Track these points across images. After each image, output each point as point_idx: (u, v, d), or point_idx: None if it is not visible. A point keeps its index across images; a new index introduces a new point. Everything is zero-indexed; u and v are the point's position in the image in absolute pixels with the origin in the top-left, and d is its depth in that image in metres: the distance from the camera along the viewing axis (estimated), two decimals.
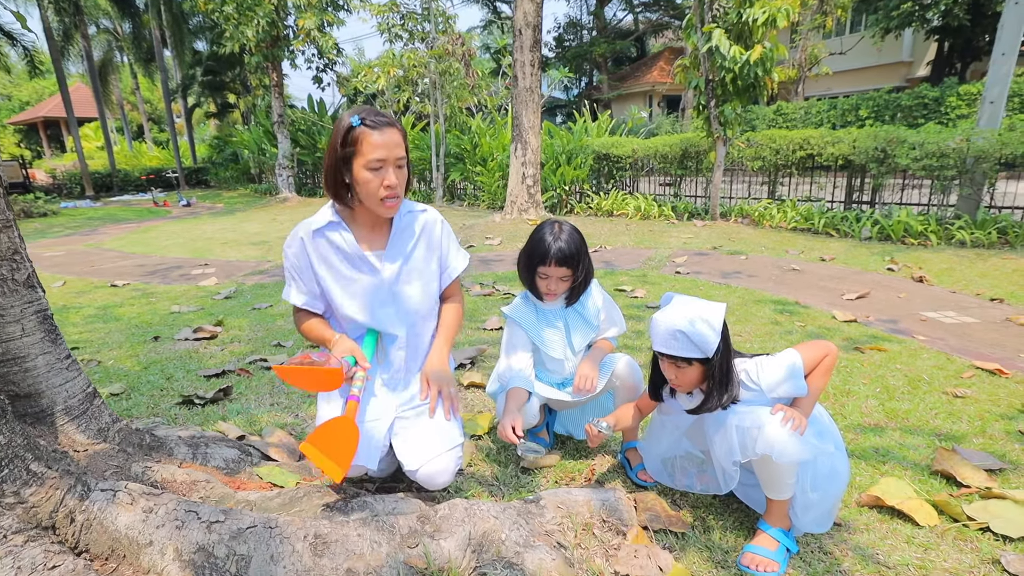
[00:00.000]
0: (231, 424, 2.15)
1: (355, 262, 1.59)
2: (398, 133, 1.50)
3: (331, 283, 1.59)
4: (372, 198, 1.50)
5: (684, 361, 1.48)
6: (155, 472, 1.36)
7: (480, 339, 3.45)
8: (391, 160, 1.47)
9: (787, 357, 1.51)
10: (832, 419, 1.64)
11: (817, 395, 1.51)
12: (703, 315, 1.46)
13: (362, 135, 1.45)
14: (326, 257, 1.58)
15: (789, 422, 1.42)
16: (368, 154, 1.45)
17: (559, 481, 1.88)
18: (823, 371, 1.52)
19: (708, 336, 1.44)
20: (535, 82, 8.67)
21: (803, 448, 1.40)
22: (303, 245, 1.58)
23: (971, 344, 3.33)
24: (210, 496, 1.32)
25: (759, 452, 1.46)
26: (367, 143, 1.45)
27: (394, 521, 1.31)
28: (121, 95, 29.09)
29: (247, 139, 18.57)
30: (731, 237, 7.31)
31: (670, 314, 1.48)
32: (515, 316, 1.92)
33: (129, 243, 8.70)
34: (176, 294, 5.02)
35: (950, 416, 2.38)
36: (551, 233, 1.81)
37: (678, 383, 1.55)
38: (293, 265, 1.60)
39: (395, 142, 1.48)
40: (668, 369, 1.54)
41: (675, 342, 1.46)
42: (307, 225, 1.60)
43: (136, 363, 3.04)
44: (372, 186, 1.47)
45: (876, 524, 1.66)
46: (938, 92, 15.17)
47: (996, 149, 6.36)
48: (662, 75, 24.80)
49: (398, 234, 1.64)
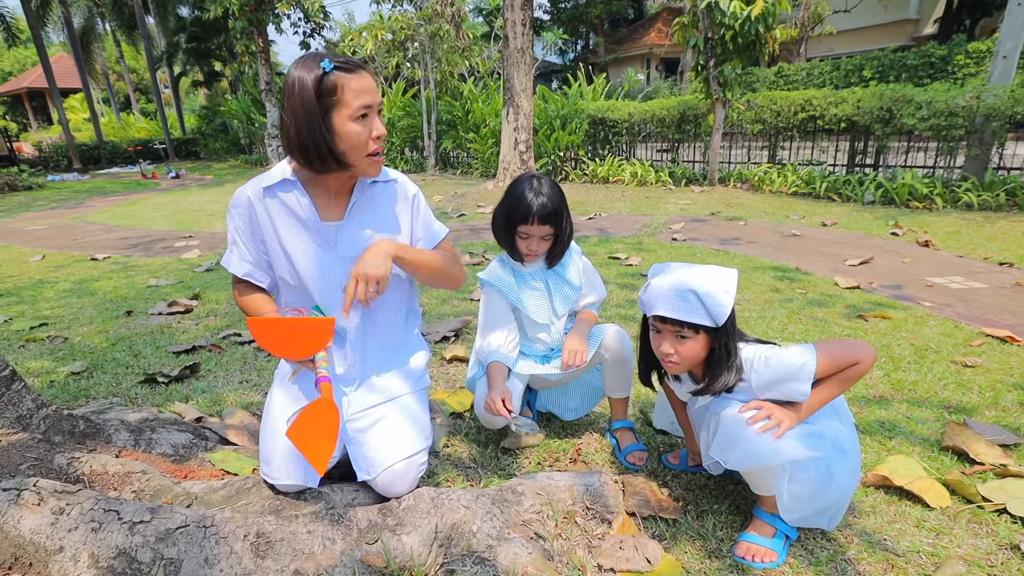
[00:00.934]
0: (190, 405, 2.00)
1: (309, 231, 1.40)
2: (372, 76, 1.32)
3: (279, 252, 1.40)
4: (358, 154, 1.30)
5: (691, 329, 1.28)
6: (83, 464, 1.22)
7: (466, 310, 3.30)
8: (376, 106, 1.30)
9: (799, 354, 1.29)
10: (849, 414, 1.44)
11: (821, 403, 1.31)
12: (717, 278, 1.27)
13: (341, 81, 1.25)
14: (276, 220, 1.39)
15: (759, 423, 1.25)
16: (353, 102, 1.26)
17: (542, 463, 1.75)
18: (842, 380, 1.29)
19: (723, 301, 1.25)
20: (527, 42, 8.31)
21: (772, 453, 1.22)
22: (250, 205, 1.39)
23: (980, 310, 3.18)
24: (144, 489, 1.19)
25: (712, 455, 1.30)
26: (349, 89, 1.25)
27: (351, 514, 1.18)
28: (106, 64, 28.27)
29: (235, 108, 18.08)
30: (730, 203, 7.11)
31: (676, 275, 1.30)
32: (493, 280, 1.75)
33: (114, 216, 8.48)
34: (156, 267, 4.85)
35: (960, 387, 2.24)
36: (531, 189, 1.63)
37: (675, 359, 1.33)
38: (237, 227, 1.41)
39: (374, 85, 1.30)
40: (666, 342, 1.33)
41: (684, 304, 1.25)
42: (257, 182, 1.40)
43: (104, 339, 2.89)
44: (360, 139, 1.28)
45: (883, 506, 1.54)
46: (945, 50, 14.67)
47: (1008, 106, 6.10)
48: (660, 37, 24.04)
49: (360, 204, 1.44)
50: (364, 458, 1.36)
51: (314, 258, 1.40)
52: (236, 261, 1.43)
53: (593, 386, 1.95)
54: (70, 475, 1.18)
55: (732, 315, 1.30)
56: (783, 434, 1.24)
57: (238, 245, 1.42)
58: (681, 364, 1.34)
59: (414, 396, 1.48)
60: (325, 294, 1.42)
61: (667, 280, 1.29)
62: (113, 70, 32.17)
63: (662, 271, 1.36)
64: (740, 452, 1.23)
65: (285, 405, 1.37)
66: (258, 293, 1.46)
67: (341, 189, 1.43)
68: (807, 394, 1.27)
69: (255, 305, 1.43)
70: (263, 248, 1.42)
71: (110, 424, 1.45)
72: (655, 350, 1.38)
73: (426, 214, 1.56)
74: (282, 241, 1.39)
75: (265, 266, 1.44)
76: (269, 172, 1.41)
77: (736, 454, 1.24)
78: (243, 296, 1.46)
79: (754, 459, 1.23)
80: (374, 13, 12.60)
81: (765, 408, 1.27)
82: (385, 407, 1.45)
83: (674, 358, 1.32)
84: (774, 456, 1.22)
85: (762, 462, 1.23)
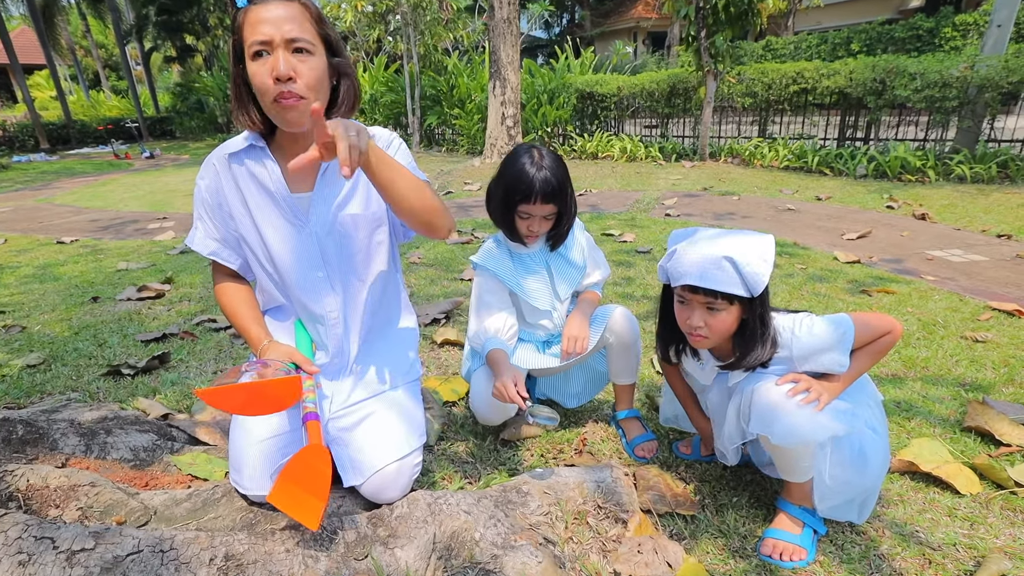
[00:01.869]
0: (156, 400, 1.83)
1: (278, 205, 1.22)
2: (296, 8, 1.08)
3: (250, 227, 1.23)
4: (266, 102, 1.10)
5: (724, 300, 1.16)
6: (16, 478, 1.05)
7: (456, 291, 3.14)
8: (279, 40, 1.05)
9: (838, 323, 1.20)
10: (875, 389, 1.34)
11: (856, 377, 1.22)
12: (753, 244, 1.15)
13: (245, 16, 1.07)
14: (244, 191, 1.22)
15: (799, 395, 1.14)
16: (249, 38, 1.06)
17: (545, 455, 1.62)
18: (875, 351, 1.21)
19: (760, 269, 1.13)
20: (513, 12, 8.01)
21: (814, 429, 1.11)
22: (215, 173, 1.22)
23: (983, 283, 3.11)
24: (93, 505, 1.03)
25: (752, 432, 1.19)
26: (248, 24, 1.06)
27: (336, 526, 1.03)
28: (71, 39, 27.06)
29: (211, 85, 17.43)
30: (721, 177, 6.98)
31: (708, 242, 1.17)
32: (488, 265, 1.58)
33: (84, 197, 8.11)
34: (127, 250, 4.60)
35: (973, 363, 2.16)
36: (532, 163, 1.45)
37: (704, 333, 1.20)
38: (202, 200, 1.24)
39: (285, 16, 1.06)
40: (696, 314, 1.19)
41: (719, 272, 1.12)
42: (223, 148, 1.23)
43: (67, 328, 2.69)
44: (258, 81, 1.07)
45: (911, 494, 1.44)
46: (933, 23, 14.59)
47: (1002, 77, 6.01)
48: (647, 10, 23.59)
49: (333, 169, 1.25)
50: (350, 460, 1.21)
51: (286, 236, 1.23)
52: (201, 238, 1.26)
53: (597, 371, 1.81)
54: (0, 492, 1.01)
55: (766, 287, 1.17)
56: (822, 409, 1.13)
57: (203, 220, 1.25)
58: (710, 338, 1.21)
59: (405, 389, 1.33)
60: (300, 276, 1.26)
61: (698, 247, 1.16)
62: (80, 45, 30.83)
63: (686, 237, 1.22)
64: (780, 427, 1.12)
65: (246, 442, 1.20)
66: (242, 293, 1.28)
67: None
68: (846, 365, 1.18)
69: (239, 313, 1.26)
70: (231, 223, 1.25)
71: (57, 427, 1.28)
72: (681, 323, 1.25)
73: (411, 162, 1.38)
74: (252, 214, 1.22)
75: (234, 243, 1.27)
76: (235, 138, 1.23)
77: (776, 429, 1.12)
78: (225, 293, 1.29)
79: (795, 436, 1.11)
80: None
81: (803, 381, 1.16)
82: (373, 402, 1.29)
83: (703, 332, 1.20)
84: (815, 432, 1.11)
85: (802, 438, 1.11)
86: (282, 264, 1.25)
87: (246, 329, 1.24)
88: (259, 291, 1.36)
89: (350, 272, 1.30)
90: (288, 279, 1.26)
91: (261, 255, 1.26)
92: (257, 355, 1.20)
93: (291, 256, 1.24)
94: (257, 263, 1.28)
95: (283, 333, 1.32)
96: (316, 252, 1.25)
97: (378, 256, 1.33)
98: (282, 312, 1.36)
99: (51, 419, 1.33)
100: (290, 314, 1.35)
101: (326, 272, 1.27)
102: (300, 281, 1.26)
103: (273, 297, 1.34)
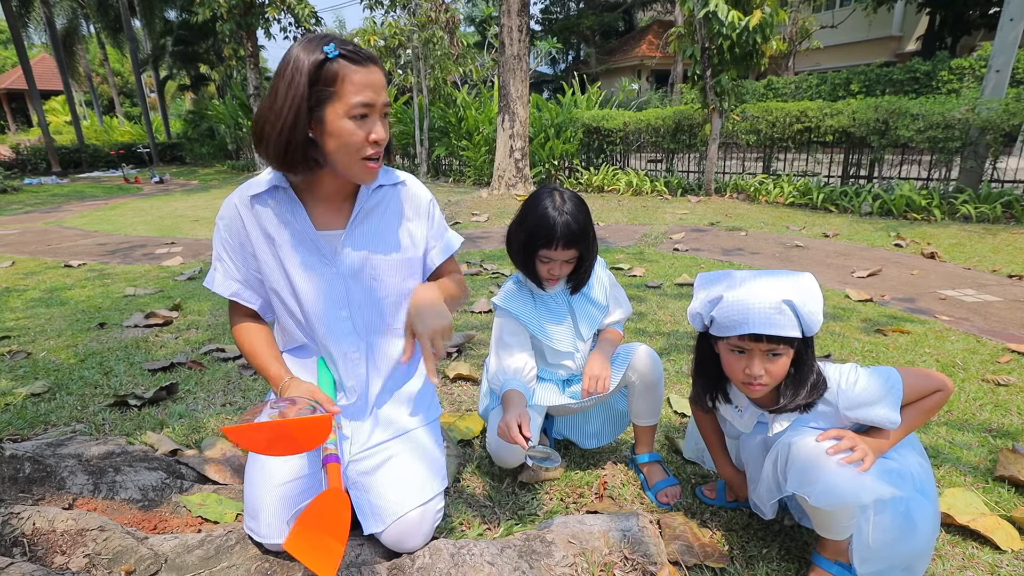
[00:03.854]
0: (165, 434, 1.78)
1: (305, 243, 1.22)
2: (382, 73, 1.14)
3: (274, 267, 1.22)
4: (351, 157, 1.12)
5: (785, 344, 1.13)
6: (23, 521, 1.00)
7: (468, 323, 3.11)
8: (379, 106, 1.12)
9: (886, 376, 1.16)
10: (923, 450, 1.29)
11: (899, 438, 1.17)
12: (804, 285, 1.13)
13: (343, 72, 1.07)
14: (268, 231, 1.21)
15: (842, 453, 1.09)
16: (352, 96, 1.07)
17: (565, 499, 1.56)
18: (925, 409, 1.16)
19: (816, 310, 1.11)
20: (523, 49, 8.20)
21: (856, 491, 1.05)
22: (237, 214, 1.21)
23: (998, 324, 3.07)
24: (101, 552, 0.98)
25: (789, 490, 1.14)
26: (351, 82, 1.07)
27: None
28: (89, 66, 27.74)
29: (223, 113, 17.77)
30: (728, 213, 7.02)
31: (762, 286, 1.14)
32: (510, 308, 1.56)
33: (93, 221, 8.16)
34: (135, 275, 4.59)
35: (997, 408, 2.11)
36: (553, 206, 1.43)
37: (766, 382, 1.16)
38: (223, 241, 1.23)
39: (382, 83, 1.12)
40: (756, 362, 1.15)
41: (780, 317, 1.09)
42: (245, 189, 1.22)
43: (72, 355, 2.65)
44: (354, 139, 1.10)
45: (949, 549, 1.38)
46: (930, 66, 14.93)
47: (1003, 120, 6.09)
48: (651, 49, 24.20)
49: (366, 212, 1.26)
50: (371, 507, 1.16)
51: (313, 274, 1.22)
52: (221, 279, 1.24)
53: (617, 410, 1.76)
54: (5, 537, 0.96)
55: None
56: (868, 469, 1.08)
57: (223, 261, 1.24)
58: (770, 384, 1.18)
59: (427, 429, 1.29)
60: (324, 315, 1.24)
61: (754, 293, 1.13)
62: (97, 73, 31.59)
63: (718, 281, 1.20)
64: (819, 488, 1.07)
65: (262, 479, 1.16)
66: (260, 333, 1.26)
67: (338, 195, 1.25)
68: (897, 422, 1.13)
69: (257, 351, 1.23)
70: (253, 263, 1.24)
71: (65, 465, 1.23)
72: (736, 373, 1.20)
73: (440, 223, 1.39)
74: (279, 252, 1.21)
75: (255, 284, 1.26)
76: (257, 178, 1.23)
77: (815, 489, 1.07)
78: (244, 332, 1.27)
79: (835, 497, 1.06)
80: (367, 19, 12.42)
81: (847, 437, 1.11)
82: (394, 444, 1.25)
83: (765, 380, 1.16)
84: (858, 494, 1.05)
85: (843, 500, 1.06)
86: (307, 302, 1.23)
87: (266, 367, 1.22)
88: (279, 331, 1.34)
89: (375, 315, 1.29)
90: (312, 318, 1.24)
91: (286, 294, 1.24)
92: (278, 393, 1.17)
93: (316, 294, 1.23)
94: (280, 302, 1.26)
95: (304, 371, 1.29)
96: (342, 291, 1.24)
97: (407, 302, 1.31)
98: (303, 351, 1.33)
99: (58, 455, 1.28)
100: (311, 353, 1.32)
101: (350, 312, 1.26)
102: (324, 319, 1.24)
103: (294, 337, 1.32)
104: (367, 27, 12.51)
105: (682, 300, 3.50)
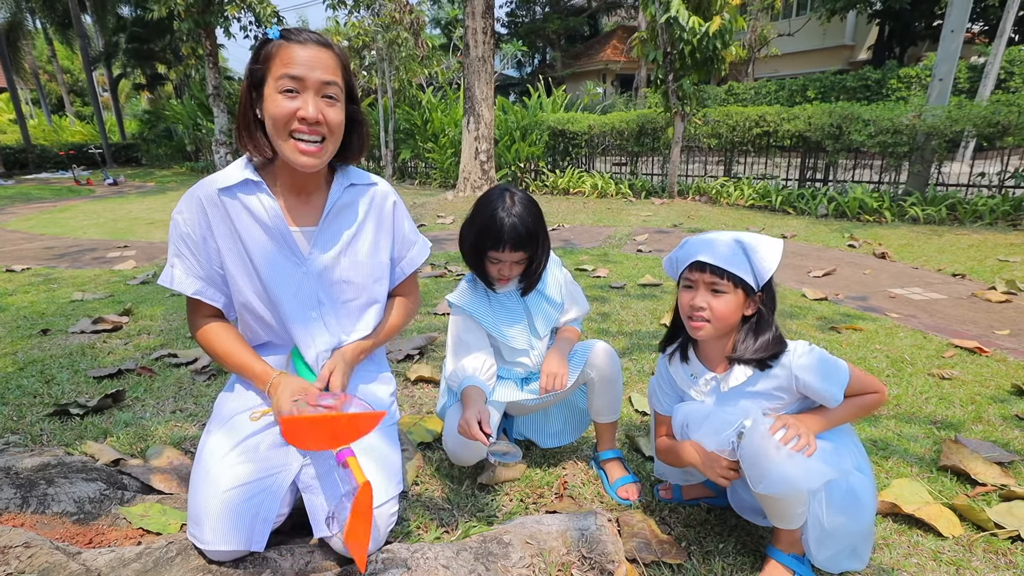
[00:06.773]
0: (107, 444, 1.70)
1: (275, 239, 1.18)
2: (331, 56, 1.11)
3: (241, 263, 1.18)
4: (279, 133, 1.10)
5: (730, 282, 1.18)
6: None
7: (430, 325, 3.08)
8: (311, 82, 1.08)
9: (835, 359, 1.23)
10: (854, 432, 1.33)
11: (835, 423, 1.23)
12: (764, 239, 1.21)
13: (277, 49, 1.09)
14: (237, 226, 1.16)
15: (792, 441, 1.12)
16: (278, 70, 1.08)
17: (525, 500, 1.55)
18: (860, 405, 1.22)
19: (769, 259, 1.18)
20: (488, 51, 8.20)
21: (807, 476, 1.08)
22: (201, 208, 1.16)
23: (943, 321, 3.21)
24: (26, 571, 0.91)
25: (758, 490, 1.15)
26: (280, 57, 1.08)
27: None
28: (35, 63, 26.48)
29: (181, 113, 17.22)
30: (690, 215, 7.16)
31: (726, 233, 1.23)
32: (465, 305, 1.55)
33: (39, 224, 7.79)
34: (84, 280, 4.39)
35: (942, 401, 2.20)
36: (503, 208, 1.43)
37: (707, 316, 1.20)
38: (183, 236, 1.17)
39: (323, 62, 1.09)
40: (699, 294, 1.20)
41: (727, 252, 1.17)
42: (210, 183, 1.17)
43: (10, 363, 2.51)
44: (279, 113, 1.08)
45: (895, 537, 1.42)
46: (880, 74, 15.61)
47: (947, 126, 6.39)
48: (615, 53, 24.56)
49: (337, 210, 1.24)
50: (323, 510, 1.12)
51: (281, 272, 1.19)
52: (181, 277, 1.19)
53: (578, 408, 1.77)
54: None
55: (773, 286, 1.24)
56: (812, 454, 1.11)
57: (184, 258, 1.18)
58: (711, 323, 1.21)
59: (381, 433, 1.26)
60: (293, 315, 1.21)
61: (716, 235, 1.22)
62: (44, 70, 30.19)
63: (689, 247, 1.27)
64: (771, 478, 1.09)
65: (225, 452, 1.11)
66: (221, 324, 1.22)
67: (303, 188, 1.22)
68: (839, 400, 1.19)
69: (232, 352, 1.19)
70: (216, 259, 1.19)
71: None
72: (683, 307, 1.26)
73: (410, 225, 1.39)
74: (246, 247, 1.17)
75: (218, 281, 1.21)
76: (225, 171, 1.19)
77: (769, 480, 1.10)
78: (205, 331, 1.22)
79: (787, 484, 1.08)
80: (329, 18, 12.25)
81: (791, 425, 1.14)
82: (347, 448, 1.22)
83: (705, 314, 1.20)
84: (808, 479, 1.08)
85: (795, 487, 1.08)
86: (276, 299, 1.20)
87: (248, 365, 1.18)
88: (241, 329, 1.30)
89: (344, 316, 1.28)
90: (282, 315, 1.21)
91: (251, 290, 1.20)
92: (267, 391, 1.16)
93: (285, 291, 1.20)
94: (243, 300, 1.22)
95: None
96: (312, 290, 1.22)
97: (376, 306, 1.33)
98: (268, 348, 1.30)
99: None
100: (276, 350, 1.30)
101: (319, 312, 1.24)
102: (293, 317, 1.22)
103: (257, 335, 1.28)
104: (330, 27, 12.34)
105: (645, 300, 3.54)
